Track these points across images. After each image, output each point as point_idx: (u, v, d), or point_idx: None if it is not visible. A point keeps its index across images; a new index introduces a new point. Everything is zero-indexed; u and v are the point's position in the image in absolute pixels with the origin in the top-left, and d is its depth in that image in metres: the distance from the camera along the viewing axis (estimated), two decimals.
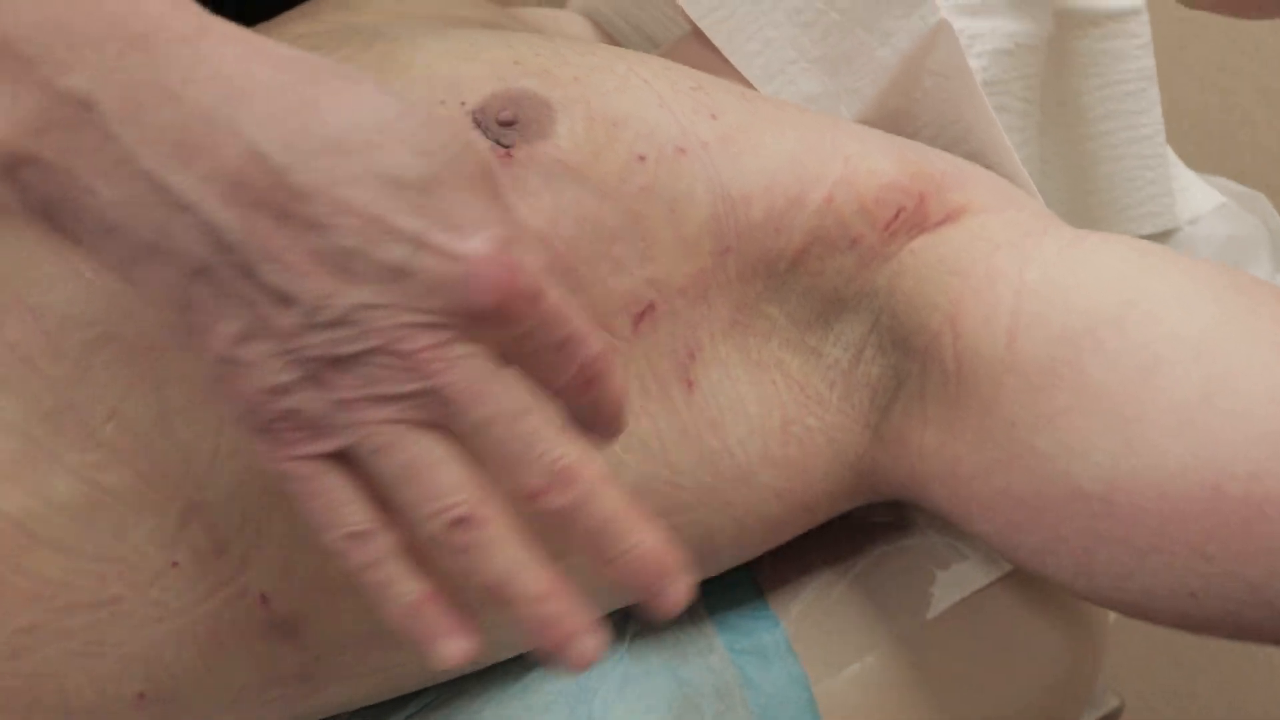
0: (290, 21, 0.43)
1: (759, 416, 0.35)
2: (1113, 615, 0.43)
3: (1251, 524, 0.27)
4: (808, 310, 0.36)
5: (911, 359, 0.34)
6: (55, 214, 0.23)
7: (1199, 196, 0.54)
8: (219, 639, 0.30)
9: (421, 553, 0.25)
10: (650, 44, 0.54)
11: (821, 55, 0.43)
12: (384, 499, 0.24)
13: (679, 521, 0.35)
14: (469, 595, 0.26)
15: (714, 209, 0.34)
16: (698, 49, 0.46)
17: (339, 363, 0.23)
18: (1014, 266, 0.33)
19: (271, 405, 0.23)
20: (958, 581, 0.39)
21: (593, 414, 0.26)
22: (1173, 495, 0.28)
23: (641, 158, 0.33)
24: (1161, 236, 0.52)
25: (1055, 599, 0.40)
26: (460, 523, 0.24)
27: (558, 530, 0.25)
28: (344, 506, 0.24)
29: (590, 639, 0.25)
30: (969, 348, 0.32)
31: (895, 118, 0.43)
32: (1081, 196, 0.50)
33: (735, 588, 0.40)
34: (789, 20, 0.43)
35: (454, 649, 0.25)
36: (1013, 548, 0.32)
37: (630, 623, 0.39)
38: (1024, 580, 0.40)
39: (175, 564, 0.30)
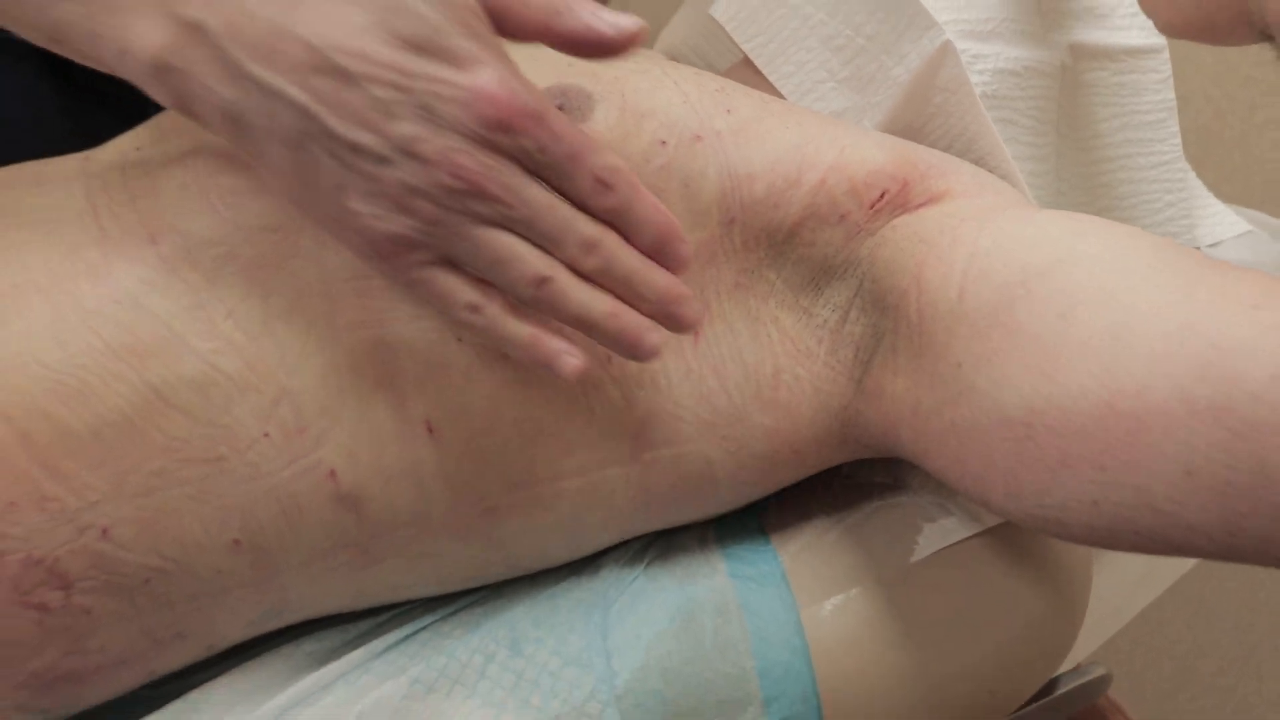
0: None
1: (754, 365, 0.41)
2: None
3: (1136, 435, 0.31)
4: (802, 275, 0.42)
5: (886, 317, 0.40)
6: (190, 107, 0.32)
7: (1224, 223, 0.57)
8: (297, 502, 0.38)
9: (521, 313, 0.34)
10: (712, 71, 0.61)
11: (848, 75, 0.49)
12: (484, 280, 0.33)
13: (682, 451, 0.41)
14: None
15: (721, 186, 0.40)
16: (747, 72, 0.53)
17: (413, 190, 0.31)
18: (972, 234, 0.38)
19: (379, 236, 0.32)
20: (941, 533, 0.44)
21: (630, 224, 0.34)
22: (1075, 415, 0.32)
23: (663, 142, 0.40)
24: None
25: (1034, 555, 0.44)
26: (542, 281, 0.33)
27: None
28: (458, 291, 0.33)
29: (655, 334, 0.34)
30: (930, 302, 0.37)
31: (910, 130, 0.49)
32: (1099, 213, 0.54)
33: (742, 527, 0.46)
34: (822, 45, 0.50)
35: (572, 362, 0.34)
36: (958, 478, 0.37)
37: (650, 549, 0.46)
38: (1004, 537, 0.44)
39: (267, 435, 0.37)
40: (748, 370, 0.41)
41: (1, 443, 0.35)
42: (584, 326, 0.34)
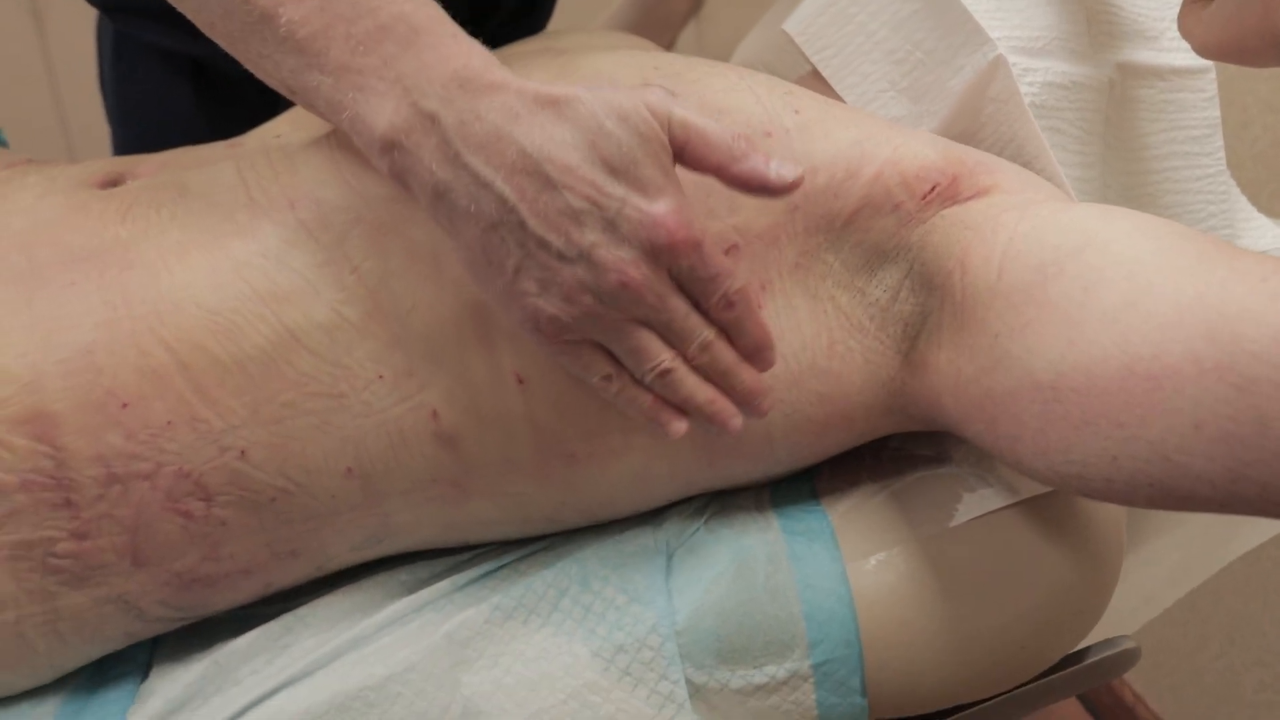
0: (511, 45, 0.59)
1: (811, 336, 0.45)
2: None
3: (1151, 393, 0.35)
4: (857, 259, 0.46)
5: (933, 296, 0.44)
6: (405, 178, 0.38)
7: (1267, 235, 0.60)
8: (403, 436, 0.43)
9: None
10: None
11: (908, 86, 0.54)
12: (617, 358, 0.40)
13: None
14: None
15: None
16: (814, 83, 0.58)
17: (584, 287, 0.37)
18: (1013, 221, 0.42)
19: (543, 316, 0.38)
20: (980, 501, 0.47)
21: (739, 333, 0.41)
22: (1098, 377, 0.36)
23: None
24: None
25: (1067, 525, 0.47)
26: (666, 372, 0.40)
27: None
28: (596, 365, 0.40)
29: (738, 419, 0.41)
30: (972, 282, 0.42)
31: (963, 136, 0.53)
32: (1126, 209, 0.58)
33: (796, 489, 0.50)
34: (885, 59, 0.54)
35: (680, 426, 0.41)
36: (992, 440, 0.41)
37: (709, 506, 0.50)
38: (1040, 507, 0.47)
39: (381, 376, 0.43)
40: (805, 341, 0.45)
41: (165, 370, 0.41)
42: (687, 407, 0.41)
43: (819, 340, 0.46)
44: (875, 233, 0.46)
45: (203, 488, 0.41)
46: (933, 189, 0.45)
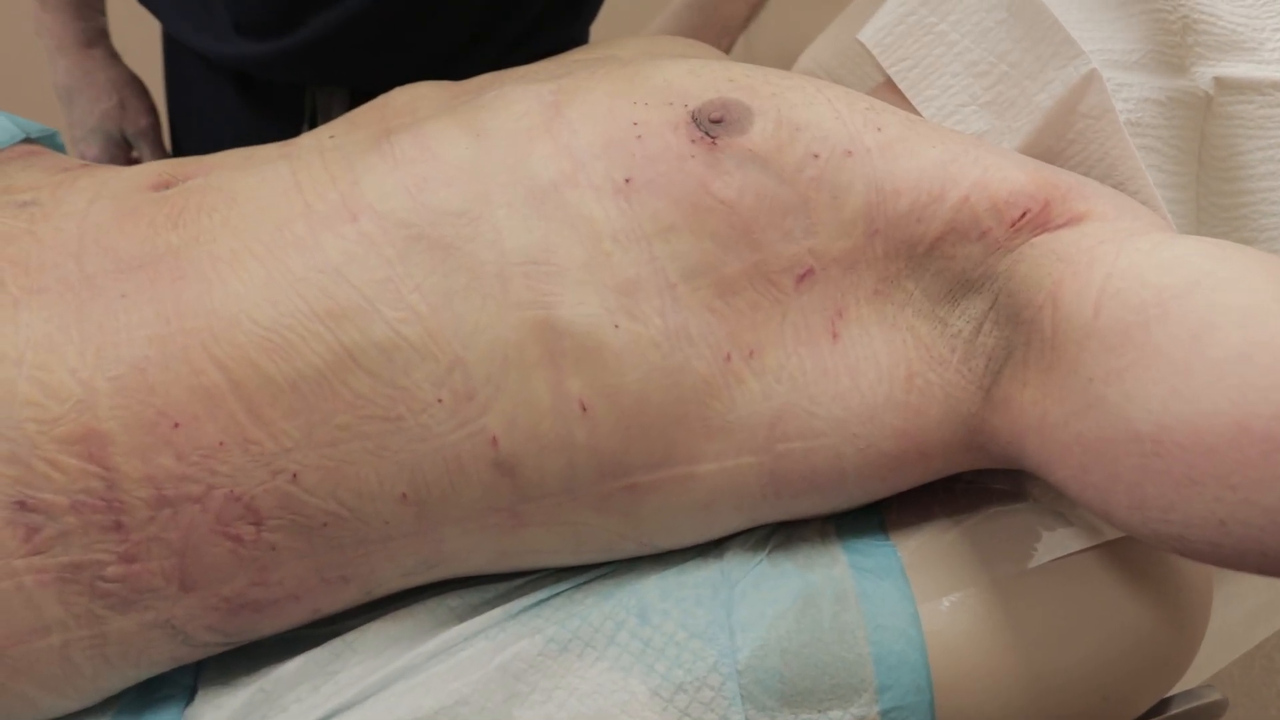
0: (570, 54, 0.57)
1: (889, 367, 0.43)
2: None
3: (1269, 456, 0.32)
4: (940, 287, 0.44)
5: (1019, 331, 0.41)
6: None
7: None
8: (461, 463, 0.42)
9: None
10: None
11: (990, 100, 0.51)
12: None
13: (814, 445, 0.43)
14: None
15: (868, 199, 0.43)
16: (889, 95, 0.56)
17: None
18: (1111, 255, 0.39)
19: None
20: (1060, 543, 0.45)
21: None
22: (1206, 433, 0.33)
23: (816, 155, 0.43)
24: None
25: (1153, 571, 0.45)
26: None
27: None
28: None
29: None
30: (1064, 318, 0.39)
31: (1049, 155, 0.50)
32: (1238, 245, 0.54)
33: (864, 523, 0.48)
34: (966, 71, 0.52)
35: None
36: (1080, 489, 0.38)
37: (772, 537, 0.48)
38: (1123, 552, 0.45)
39: (440, 400, 0.41)
40: (882, 372, 0.43)
41: (218, 389, 0.39)
42: None
43: (897, 372, 0.43)
44: (960, 260, 0.43)
45: (253, 511, 0.40)
46: (1023, 215, 0.43)
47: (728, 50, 0.83)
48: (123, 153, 0.80)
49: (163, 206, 0.44)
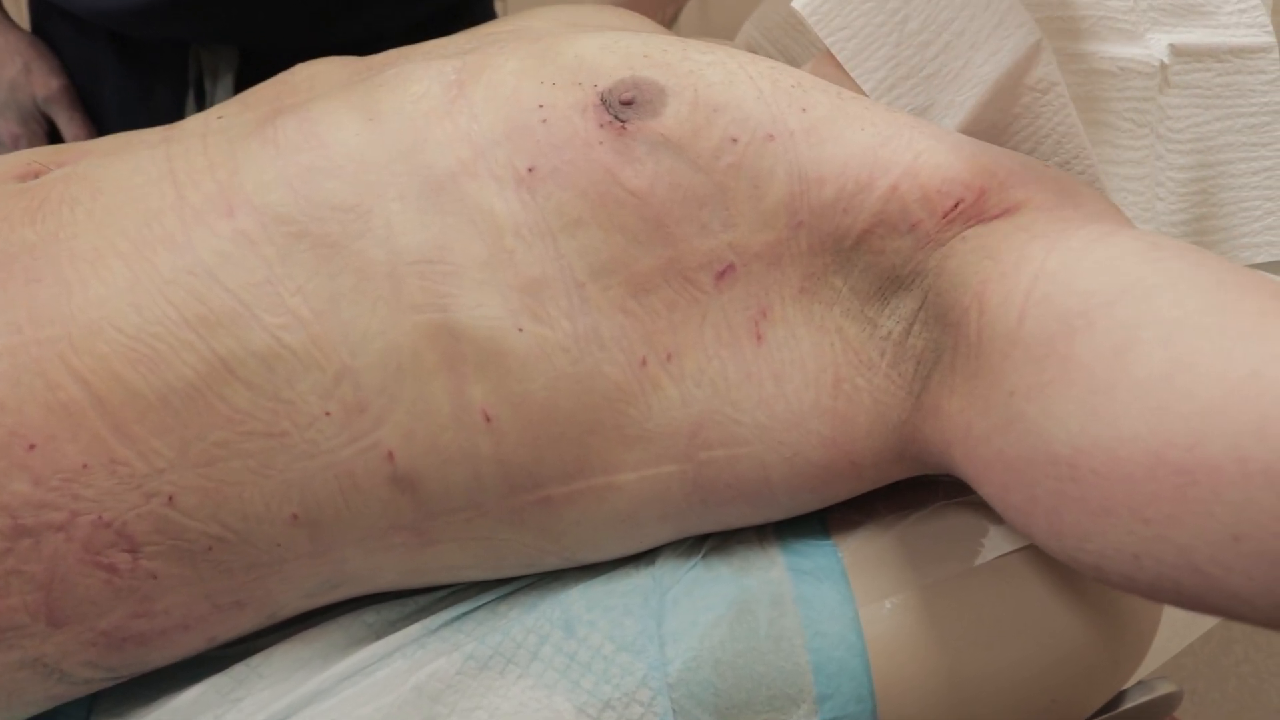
0: (484, 26, 0.53)
1: (815, 372, 0.40)
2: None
3: (1184, 489, 0.28)
4: (868, 284, 0.40)
5: (947, 334, 0.38)
6: None
7: None
8: (355, 481, 0.38)
9: None
10: (793, 65, 0.61)
11: (933, 72, 0.48)
12: None
13: (737, 453, 0.41)
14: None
15: (791, 188, 0.40)
16: (827, 66, 0.53)
17: None
18: (1040, 253, 0.36)
19: None
20: (1009, 536, 0.43)
21: None
22: (1122, 460, 0.30)
23: (734, 139, 0.40)
24: (1276, 266, 0.53)
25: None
26: None
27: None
28: None
29: None
30: (989, 323, 0.36)
31: (993, 130, 0.47)
32: (1196, 220, 0.52)
33: (804, 522, 0.46)
34: (907, 41, 0.49)
35: None
36: (1004, 508, 0.36)
37: (707, 540, 0.45)
38: None
39: (328, 413, 0.38)
40: (808, 377, 0.40)
41: (77, 405, 0.36)
42: None
43: (824, 377, 0.40)
44: (889, 255, 0.40)
45: (127, 538, 0.37)
46: (956, 206, 0.39)
47: (672, 18, 0.79)
48: (41, 128, 0.75)
49: (22, 199, 0.40)
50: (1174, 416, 0.29)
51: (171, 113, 0.72)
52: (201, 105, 0.74)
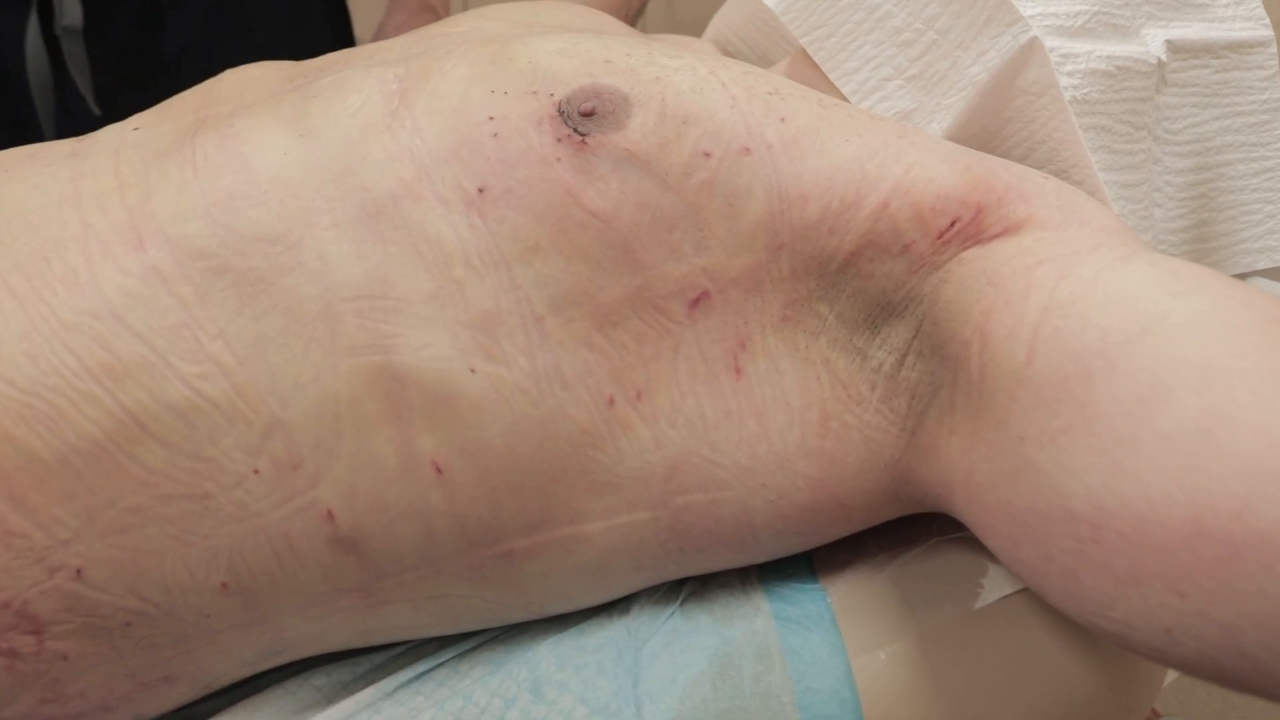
0: (433, 26, 0.49)
1: (800, 409, 0.37)
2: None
3: (1227, 563, 0.25)
4: (856, 311, 0.37)
5: (945, 367, 0.35)
6: None
7: None
8: (291, 544, 0.34)
9: None
10: (766, 64, 0.57)
11: (918, 73, 0.45)
12: None
13: (717, 497, 0.37)
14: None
15: (770, 207, 0.36)
16: (804, 67, 0.49)
17: None
18: (1050, 281, 0.33)
19: None
20: (1009, 577, 0.40)
21: None
22: (1154, 525, 0.27)
23: (707, 154, 0.36)
24: (1278, 272, 0.50)
25: None
26: None
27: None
28: None
29: None
30: (992, 359, 0.33)
31: (984, 135, 0.44)
32: (1195, 226, 0.49)
33: (790, 562, 0.42)
34: (889, 39, 0.45)
35: None
36: (1013, 563, 0.32)
37: (686, 585, 0.42)
38: None
39: (257, 471, 0.34)
40: (793, 414, 0.37)
41: None
42: None
43: (809, 414, 0.37)
44: (879, 279, 0.37)
45: (28, 619, 0.33)
46: (952, 225, 0.36)
47: (637, 14, 0.75)
48: None
49: None
50: (1211, 477, 0.26)
51: (12, 38, 0.68)
52: (47, 24, 0.69)
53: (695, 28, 0.71)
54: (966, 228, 0.36)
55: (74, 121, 0.76)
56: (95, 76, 0.76)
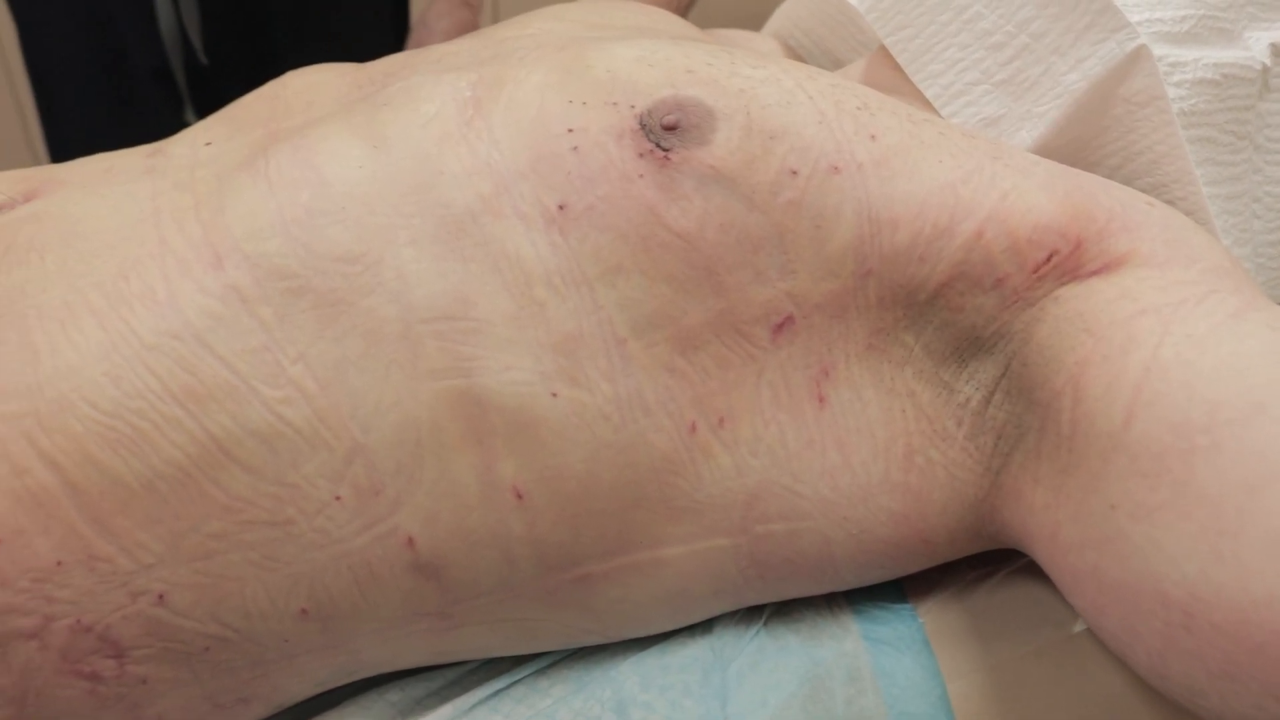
0: (501, 27, 0.48)
1: (884, 441, 0.35)
2: None
3: None
4: (943, 344, 0.36)
5: (1033, 413, 0.34)
6: None
7: None
8: (372, 571, 0.33)
9: None
10: (835, 64, 0.56)
11: (1007, 78, 0.44)
12: None
13: (798, 527, 0.36)
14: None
15: (859, 230, 0.35)
16: (882, 69, 0.48)
17: None
18: (1153, 337, 0.31)
19: None
20: None
21: None
22: (1254, 624, 0.26)
23: (794, 172, 0.35)
24: None
25: None
26: None
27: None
28: None
29: None
30: (1085, 416, 0.31)
31: (1077, 144, 0.43)
32: None
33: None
34: (977, 42, 0.44)
35: None
36: (1097, 627, 0.31)
37: (767, 605, 0.41)
38: None
39: (339, 498, 0.33)
40: (877, 447, 0.35)
41: (48, 493, 0.31)
42: None
43: (894, 448, 0.35)
44: (969, 313, 0.35)
45: (110, 643, 0.31)
46: (1049, 259, 0.34)
47: (688, 8, 0.73)
48: None
49: None
50: None
51: None
52: None
53: (726, 21, 0.70)
54: (1064, 262, 0.34)
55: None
56: (204, 26, 0.80)
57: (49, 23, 0.80)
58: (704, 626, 0.40)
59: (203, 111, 0.85)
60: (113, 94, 0.80)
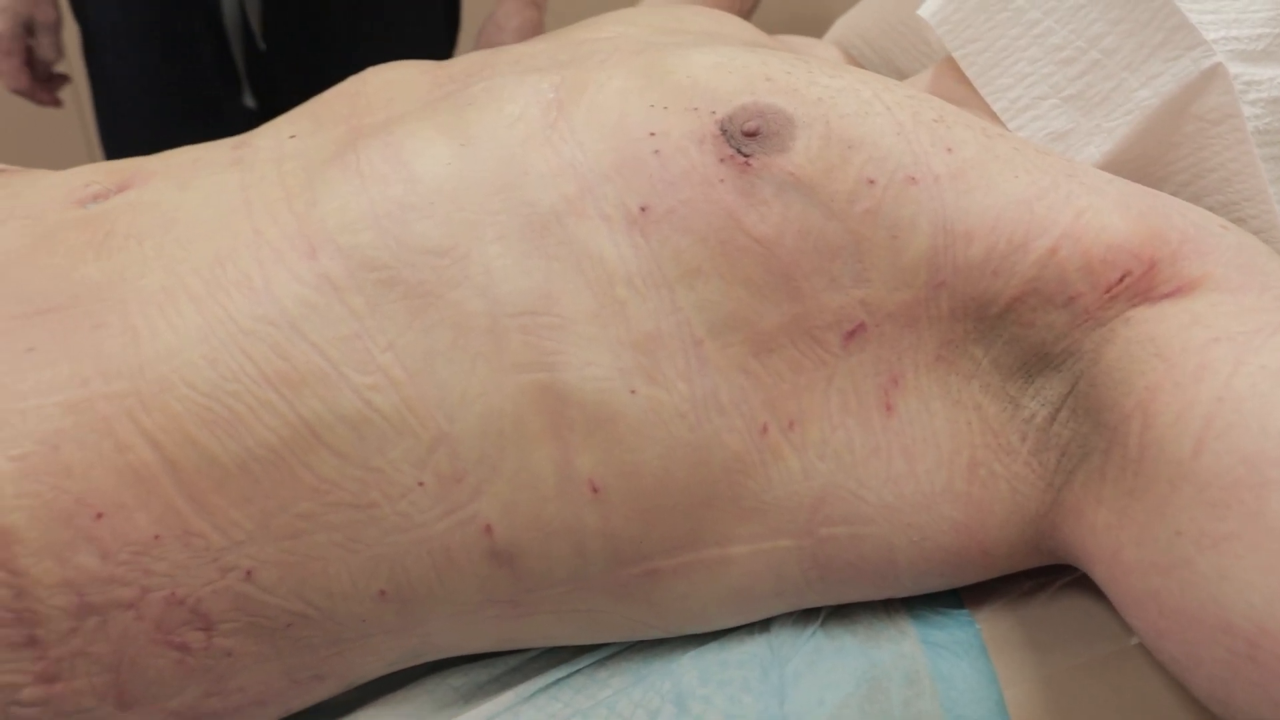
0: (575, 30, 0.48)
1: (949, 452, 0.36)
2: None
3: None
4: (1012, 359, 0.36)
5: (1099, 434, 0.34)
6: None
7: None
8: (450, 556, 0.34)
9: None
10: (897, 75, 0.56)
11: (1076, 93, 0.44)
12: None
13: (861, 532, 0.37)
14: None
15: (934, 242, 0.35)
16: (948, 80, 0.48)
17: None
18: (1226, 366, 0.31)
19: None
20: None
21: None
22: None
23: (871, 181, 0.35)
24: None
25: None
26: None
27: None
28: None
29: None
30: (1154, 441, 0.31)
31: (1146, 160, 0.43)
32: None
33: None
34: (1047, 56, 0.45)
35: None
36: (1156, 649, 0.32)
37: (824, 607, 0.41)
38: None
39: (422, 484, 0.34)
40: (941, 456, 0.36)
41: (149, 470, 0.32)
42: None
43: (958, 459, 0.36)
44: (1039, 329, 0.35)
45: (201, 615, 0.33)
46: (1121, 279, 0.35)
47: (750, 11, 0.74)
48: (20, 44, 0.81)
49: (84, 230, 0.36)
50: None
51: None
52: None
53: (768, 27, 0.70)
54: (1137, 283, 0.35)
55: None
56: (265, 12, 0.84)
57: (112, 5, 0.82)
58: (761, 625, 0.41)
59: (259, 95, 0.86)
60: (173, 76, 0.82)
